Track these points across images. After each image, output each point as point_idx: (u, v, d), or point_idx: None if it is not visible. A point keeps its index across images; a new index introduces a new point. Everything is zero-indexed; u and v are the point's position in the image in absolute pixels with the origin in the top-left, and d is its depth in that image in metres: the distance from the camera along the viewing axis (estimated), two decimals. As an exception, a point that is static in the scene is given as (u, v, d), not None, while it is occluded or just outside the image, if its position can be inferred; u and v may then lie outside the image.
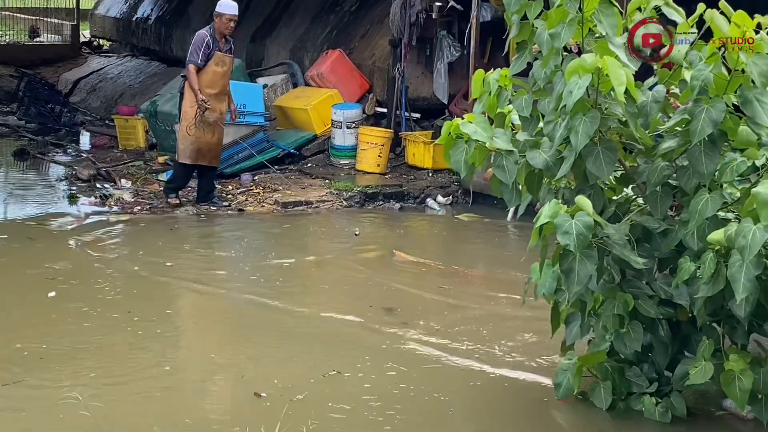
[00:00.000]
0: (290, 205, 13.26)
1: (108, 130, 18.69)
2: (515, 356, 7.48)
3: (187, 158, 12.95)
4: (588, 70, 5.59)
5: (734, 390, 5.80)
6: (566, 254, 5.69)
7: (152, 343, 7.67)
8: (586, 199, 5.62)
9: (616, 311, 6.03)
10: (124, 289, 9.18)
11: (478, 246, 11.83)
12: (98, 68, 25.31)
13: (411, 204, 13.82)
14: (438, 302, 9.10)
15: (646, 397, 6.26)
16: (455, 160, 6.13)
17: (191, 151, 12.88)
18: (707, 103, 5.66)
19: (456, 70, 15.62)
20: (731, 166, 5.68)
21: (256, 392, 6.59)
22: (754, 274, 5.36)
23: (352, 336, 7.93)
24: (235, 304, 8.97)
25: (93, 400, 6.36)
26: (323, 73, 16.68)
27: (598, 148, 5.81)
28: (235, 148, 14.49)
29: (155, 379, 6.94)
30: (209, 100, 12.63)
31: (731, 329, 6.02)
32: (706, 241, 5.64)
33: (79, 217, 12.53)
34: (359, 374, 7.06)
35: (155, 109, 16.02)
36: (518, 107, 6.22)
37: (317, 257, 11.12)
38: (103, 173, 14.75)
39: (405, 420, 6.25)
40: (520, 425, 6.28)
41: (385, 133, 15.12)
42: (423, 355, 7.45)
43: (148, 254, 10.60)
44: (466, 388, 6.82)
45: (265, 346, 7.70)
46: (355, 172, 15.02)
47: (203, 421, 6.17)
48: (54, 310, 8.47)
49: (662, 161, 5.96)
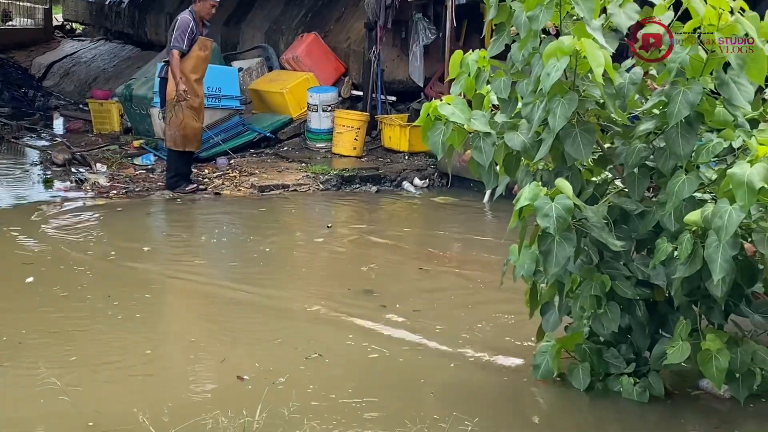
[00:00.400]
0: (267, 188, 13.27)
1: (82, 114, 18.64)
2: (494, 338, 7.50)
3: (177, 145, 12.98)
4: (566, 53, 5.60)
5: (711, 369, 5.84)
6: (545, 236, 5.71)
7: (132, 328, 7.65)
8: (565, 182, 5.63)
9: (594, 292, 6.06)
10: (102, 275, 9.15)
11: (455, 228, 11.84)
12: (72, 52, 25.20)
13: (388, 187, 13.85)
14: (416, 284, 9.13)
15: (624, 378, 6.29)
16: (433, 141, 6.13)
17: (180, 137, 12.91)
18: (684, 86, 5.68)
19: (431, 53, 15.65)
20: (707, 147, 5.71)
21: (238, 375, 6.60)
22: (730, 255, 5.39)
23: (332, 319, 7.92)
24: (215, 288, 8.95)
25: (72, 384, 6.35)
26: (299, 57, 16.67)
27: (576, 130, 5.83)
28: (210, 132, 14.45)
29: (135, 363, 6.91)
30: (191, 87, 12.70)
31: (708, 309, 6.06)
32: (683, 222, 5.67)
33: (55, 201, 12.47)
34: (341, 357, 7.07)
35: (130, 93, 15.98)
36: (496, 89, 6.23)
37: (295, 240, 11.12)
38: (78, 157, 14.71)
39: (385, 403, 6.25)
40: (499, 407, 6.30)
41: (361, 117, 15.13)
42: (402, 338, 7.45)
43: (125, 239, 10.57)
44: (445, 371, 6.82)
45: (245, 330, 7.69)
46: (331, 156, 15.04)
47: (184, 404, 6.15)
48: (32, 295, 8.43)
49: (639, 143, 6.00)
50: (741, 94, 5.72)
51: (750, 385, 6.02)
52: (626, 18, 5.85)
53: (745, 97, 5.73)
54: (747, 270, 5.84)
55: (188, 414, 5.85)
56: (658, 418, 6.09)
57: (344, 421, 5.92)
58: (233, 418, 5.60)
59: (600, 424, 6.14)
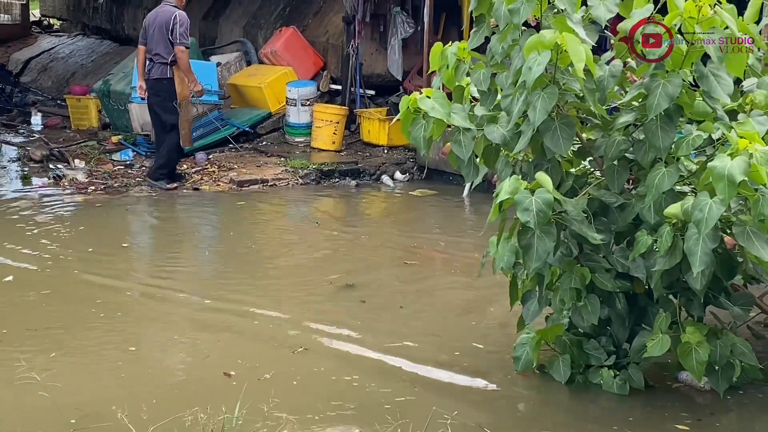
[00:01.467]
0: (246, 183, 13.24)
1: (60, 110, 18.55)
2: (474, 330, 7.51)
3: (189, 142, 13.23)
4: (547, 47, 5.57)
5: (691, 362, 5.85)
6: (525, 230, 5.70)
7: (114, 325, 7.62)
8: (545, 175, 5.62)
9: (573, 285, 6.05)
10: (82, 272, 9.10)
11: (435, 221, 11.87)
12: (49, 48, 25.08)
13: (367, 181, 13.84)
14: (397, 278, 9.12)
15: (604, 370, 6.30)
16: (414, 136, 6.13)
17: (188, 135, 13.11)
18: (664, 78, 5.68)
19: (410, 47, 15.65)
20: (687, 140, 5.71)
21: (225, 372, 6.58)
22: (710, 248, 5.40)
23: (315, 314, 7.92)
24: (197, 282, 8.94)
25: (51, 380, 6.31)
26: (277, 51, 16.63)
27: (556, 124, 5.80)
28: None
29: (118, 360, 6.88)
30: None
31: (687, 301, 6.08)
32: (662, 215, 5.68)
33: (33, 198, 12.41)
34: (326, 352, 7.07)
35: (108, 88, 15.92)
36: (476, 81, 6.21)
37: (275, 234, 11.11)
38: (56, 153, 14.64)
39: (363, 398, 6.25)
40: (479, 400, 6.30)
41: (339, 111, 15.11)
42: (383, 332, 7.45)
43: (105, 235, 10.54)
44: (427, 364, 6.81)
45: (229, 326, 7.66)
46: (310, 150, 15.02)
47: (165, 401, 6.13)
48: (11, 293, 8.40)
49: (619, 135, 5.99)
50: (720, 87, 5.73)
51: (729, 377, 6.03)
52: (605, 10, 5.85)
53: (725, 90, 5.74)
54: (726, 263, 5.86)
55: (169, 411, 5.83)
56: (638, 410, 6.09)
57: (323, 416, 5.91)
58: (212, 414, 5.58)
59: (581, 417, 6.13)
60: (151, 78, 12.98)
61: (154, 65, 12.96)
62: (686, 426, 5.85)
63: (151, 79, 12.98)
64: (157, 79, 12.96)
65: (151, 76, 12.99)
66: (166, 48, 12.78)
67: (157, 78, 12.95)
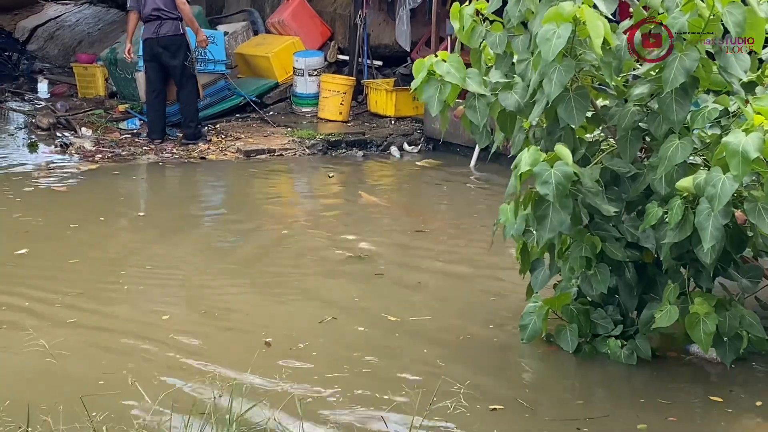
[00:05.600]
0: (253, 153, 13.25)
1: (67, 78, 18.53)
2: (484, 299, 7.54)
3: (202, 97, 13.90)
4: (566, 20, 5.53)
5: (698, 333, 5.86)
6: (541, 201, 5.70)
7: (135, 296, 7.64)
8: (565, 148, 5.60)
9: (584, 254, 6.05)
10: (99, 240, 9.13)
11: (443, 192, 11.92)
12: (55, 16, 24.99)
13: (374, 152, 13.83)
14: (410, 249, 9.14)
15: (612, 340, 6.31)
16: (428, 96, 6.05)
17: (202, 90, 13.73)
18: (681, 52, 5.65)
19: (418, 17, 15.58)
20: (702, 113, 5.68)
21: (267, 341, 6.62)
22: (721, 223, 5.40)
23: (330, 287, 7.94)
24: (214, 250, 8.99)
25: (59, 348, 6.26)
26: (284, 21, 16.58)
27: (570, 95, 5.77)
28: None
29: (144, 330, 6.91)
30: None
31: (696, 273, 6.08)
32: (674, 187, 5.67)
33: (40, 166, 12.43)
34: (353, 322, 7.09)
35: (115, 56, 15.89)
36: (492, 44, 6.18)
37: (282, 206, 11.14)
38: (63, 122, 14.64)
39: (374, 369, 6.29)
40: (487, 369, 6.32)
41: (347, 81, 15.09)
42: (394, 301, 7.48)
43: (119, 204, 10.61)
44: (440, 335, 6.84)
45: (249, 298, 7.71)
46: (317, 120, 15.01)
47: (174, 370, 6.17)
48: (29, 258, 8.47)
49: (633, 105, 5.97)
50: (738, 62, 5.70)
51: (737, 348, 6.05)
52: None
53: (742, 66, 5.71)
54: (736, 237, 5.85)
55: (180, 373, 5.88)
56: (645, 380, 6.11)
57: (335, 387, 5.95)
58: (223, 381, 5.59)
59: (588, 387, 6.16)
60: (165, 36, 13.14)
61: (163, 22, 13.06)
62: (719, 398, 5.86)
63: (167, 36, 13.13)
64: (171, 36, 13.17)
65: (164, 33, 13.12)
66: (173, 2, 12.98)
67: (172, 35, 13.18)
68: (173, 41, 13.18)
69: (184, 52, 13.27)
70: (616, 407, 5.79)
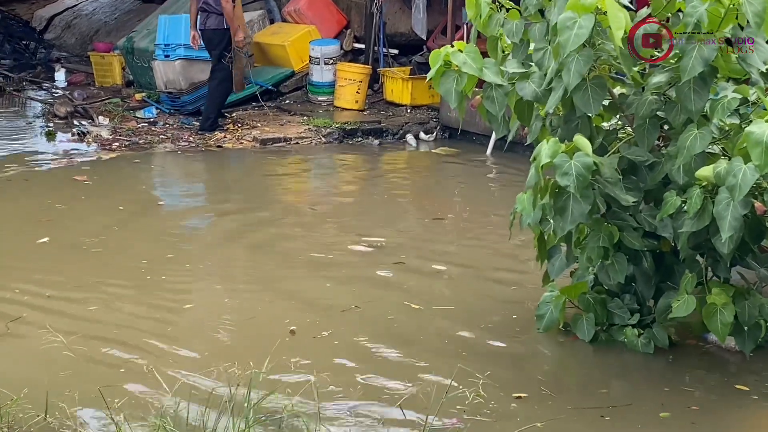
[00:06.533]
0: (269, 141, 13.28)
1: (84, 67, 18.56)
2: (502, 288, 7.57)
3: (239, 89, 14.07)
4: (588, 10, 5.52)
5: (716, 323, 5.86)
6: (561, 192, 5.70)
7: (157, 286, 7.68)
8: (584, 139, 5.59)
9: (601, 243, 6.03)
10: (120, 230, 9.16)
11: (460, 180, 11.97)
12: (73, 4, 25.00)
13: (390, 140, 13.83)
14: (427, 238, 9.15)
15: (629, 329, 6.31)
16: (445, 89, 6.05)
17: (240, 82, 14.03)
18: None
19: (434, 6, 15.55)
20: (722, 102, 5.64)
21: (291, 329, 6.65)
22: (740, 213, 5.39)
23: (351, 275, 7.96)
24: (233, 240, 9.01)
25: (77, 344, 6.29)
26: (300, 9, 16.57)
27: (587, 84, 5.75)
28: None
29: (165, 319, 6.97)
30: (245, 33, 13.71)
31: (714, 262, 6.06)
32: (692, 176, 5.65)
33: (60, 154, 12.48)
34: (374, 311, 7.09)
35: (132, 45, 15.93)
36: (509, 32, 6.17)
37: (299, 195, 11.18)
38: (81, 110, 14.68)
39: (394, 358, 6.31)
40: (503, 358, 6.33)
41: (363, 70, 15.08)
42: (414, 291, 7.50)
43: (140, 192, 10.67)
44: (462, 324, 6.84)
45: (271, 285, 7.75)
46: (333, 109, 15.00)
47: (192, 359, 6.20)
48: (51, 247, 8.52)
49: (651, 94, 5.95)
50: (757, 53, 5.65)
51: (756, 337, 6.03)
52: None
53: (761, 57, 5.67)
54: (755, 227, 5.82)
55: (196, 366, 5.90)
56: (662, 369, 6.12)
57: (356, 375, 5.98)
58: (241, 369, 5.61)
59: (607, 376, 6.16)
60: (208, 28, 13.49)
61: (208, 15, 13.44)
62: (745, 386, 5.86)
63: (208, 29, 13.48)
64: (214, 30, 13.49)
65: (208, 26, 13.49)
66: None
67: (214, 28, 13.49)
68: (215, 34, 13.55)
69: (223, 46, 13.57)
70: (638, 396, 5.78)
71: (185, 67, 14.29)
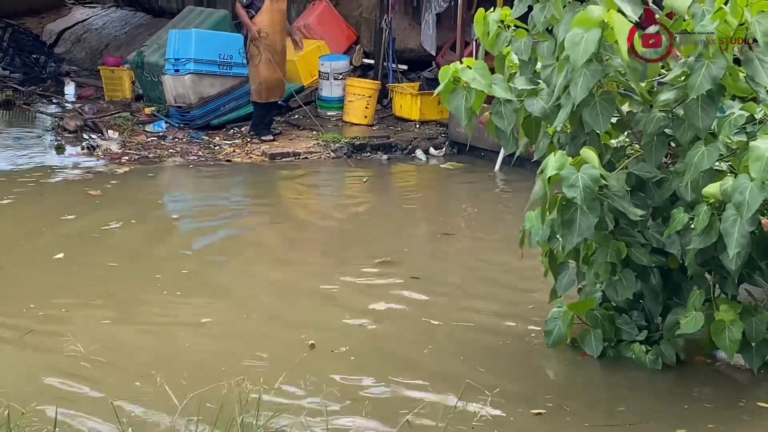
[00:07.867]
0: (278, 156, 13.31)
1: (94, 81, 18.63)
2: (512, 306, 7.57)
3: (261, 97, 13.91)
4: (594, 24, 5.56)
5: (724, 340, 5.88)
6: (569, 205, 5.72)
7: (179, 297, 7.73)
8: (591, 152, 5.62)
9: (609, 259, 6.06)
10: (135, 244, 9.21)
11: (469, 195, 12.00)
12: (83, 19, 25.14)
13: (398, 155, 13.85)
14: (438, 253, 9.19)
15: (636, 345, 6.33)
16: (455, 106, 6.10)
17: (264, 90, 13.87)
18: (708, 59, 5.64)
19: (444, 22, 15.60)
20: (729, 120, 5.68)
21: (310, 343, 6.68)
22: (747, 230, 5.41)
23: (369, 291, 7.97)
24: (248, 254, 9.07)
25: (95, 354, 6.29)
26: (310, 25, 16.63)
27: (596, 100, 5.79)
28: (221, 100, 14.47)
29: (181, 332, 7.02)
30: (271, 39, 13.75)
31: (721, 279, 6.08)
32: (700, 193, 5.67)
33: (71, 168, 12.52)
34: (392, 329, 7.14)
35: (142, 60, 15.98)
36: (517, 50, 6.21)
37: (309, 210, 11.22)
38: (90, 124, 14.73)
39: (402, 369, 6.34)
40: (511, 373, 6.34)
41: (372, 85, 15.12)
42: (421, 305, 7.55)
43: (154, 207, 10.75)
44: (467, 338, 6.90)
45: (286, 300, 7.80)
46: (342, 124, 15.04)
47: (205, 375, 6.22)
48: (65, 262, 8.54)
49: (658, 111, 5.98)
50: (765, 71, 5.65)
51: (764, 354, 6.06)
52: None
53: (768, 74, 5.70)
54: (762, 243, 5.84)
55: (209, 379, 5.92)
56: (670, 386, 6.14)
57: (371, 391, 6.02)
58: (250, 386, 5.61)
59: (613, 392, 6.17)
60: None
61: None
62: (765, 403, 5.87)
63: None
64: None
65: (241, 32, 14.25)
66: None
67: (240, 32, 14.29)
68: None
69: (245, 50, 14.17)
70: (652, 413, 5.79)
71: (195, 82, 14.31)
